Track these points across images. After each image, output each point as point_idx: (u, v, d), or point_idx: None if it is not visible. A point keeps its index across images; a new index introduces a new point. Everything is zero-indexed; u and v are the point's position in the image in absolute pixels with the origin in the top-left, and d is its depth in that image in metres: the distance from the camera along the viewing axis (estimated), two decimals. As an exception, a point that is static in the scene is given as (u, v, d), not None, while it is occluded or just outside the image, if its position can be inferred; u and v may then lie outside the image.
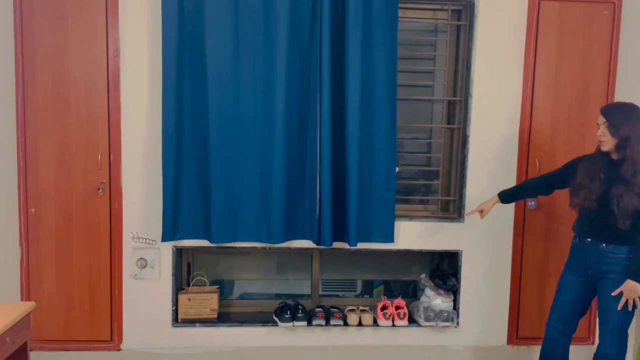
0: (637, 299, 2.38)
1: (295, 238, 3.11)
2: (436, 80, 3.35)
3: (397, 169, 3.07)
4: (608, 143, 2.39)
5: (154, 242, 3.08)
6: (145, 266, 3.09)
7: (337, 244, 3.08)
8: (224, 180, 2.97)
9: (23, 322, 1.82)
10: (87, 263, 3.05)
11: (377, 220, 3.09)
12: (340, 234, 3.06)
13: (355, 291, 3.85)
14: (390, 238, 3.11)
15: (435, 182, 3.32)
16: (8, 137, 2.89)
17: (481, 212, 2.87)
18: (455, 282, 3.22)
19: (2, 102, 2.82)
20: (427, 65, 3.37)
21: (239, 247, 3.11)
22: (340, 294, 3.80)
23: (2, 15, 2.81)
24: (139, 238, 3.07)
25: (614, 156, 2.42)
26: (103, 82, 2.97)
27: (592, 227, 2.50)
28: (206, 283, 3.30)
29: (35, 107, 2.96)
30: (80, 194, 3.01)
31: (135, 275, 3.09)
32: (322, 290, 3.67)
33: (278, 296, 3.59)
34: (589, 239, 2.51)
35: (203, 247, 3.14)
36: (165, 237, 2.99)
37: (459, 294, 3.24)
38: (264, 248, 3.13)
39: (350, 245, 3.03)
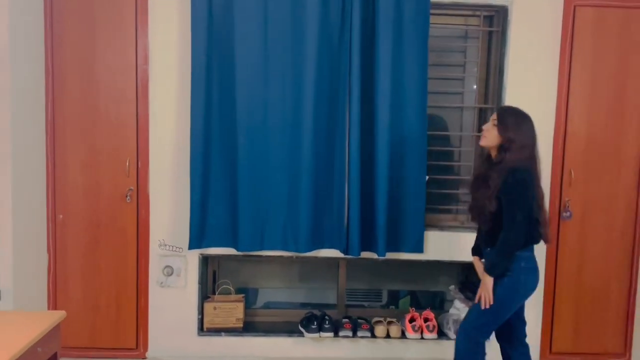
0: (487, 296, 2.31)
1: (322, 247, 3.06)
2: (466, 88, 3.28)
3: (426, 177, 3.00)
4: (490, 139, 2.35)
5: (181, 250, 3.05)
6: (171, 274, 3.07)
7: (364, 254, 3.02)
8: (251, 188, 2.93)
9: (54, 332, 1.80)
10: (114, 270, 3.04)
11: (406, 230, 3.03)
12: (368, 243, 3.00)
13: (381, 301, 3.79)
14: (419, 248, 3.04)
15: (466, 191, 3.24)
16: (37, 143, 2.89)
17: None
18: (487, 295, 3.13)
19: (32, 109, 2.83)
20: (456, 71, 3.31)
21: (265, 256, 3.07)
22: (366, 304, 3.74)
23: (33, 23, 2.82)
24: (165, 245, 3.05)
25: (493, 155, 2.37)
26: (132, 88, 2.97)
27: (486, 237, 2.43)
28: (232, 291, 3.26)
29: (64, 114, 2.96)
30: (108, 200, 3.01)
31: (162, 282, 3.06)
32: (347, 300, 3.61)
33: (303, 305, 3.54)
34: (488, 248, 2.44)
35: (229, 255, 3.10)
36: (192, 245, 2.96)
37: (490, 306, 3.14)
38: (290, 257, 3.08)
39: (378, 256, 2.97)
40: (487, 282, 2.34)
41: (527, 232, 2.31)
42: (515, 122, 2.32)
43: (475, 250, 2.61)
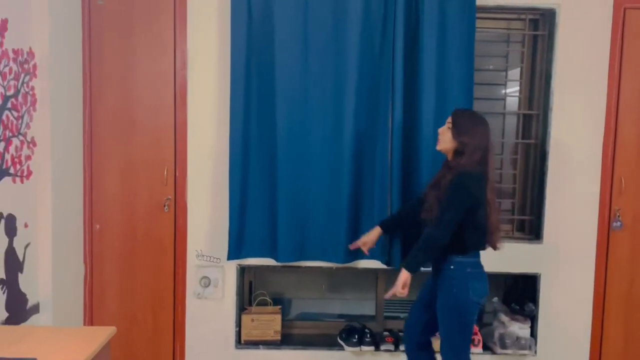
0: (396, 289, 2.28)
1: (362, 258, 2.97)
2: (508, 93, 3.18)
3: (472, 186, 2.90)
4: (444, 143, 2.34)
5: (218, 260, 2.99)
6: (208, 285, 3.00)
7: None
8: (291, 197, 2.86)
9: (105, 349, 1.74)
10: (151, 281, 2.99)
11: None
12: (407, 254, 2.89)
13: (418, 313, 3.68)
14: (464, 259, 2.93)
15: (511, 200, 3.14)
16: (75, 152, 2.85)
17: (364, 244, 2.68)
18: (534, 308, 3.02)
19: (70, 118, 2.79)
20: (497, 76, 3.21)
21: (303, 266, 2.99)
22: (402, 315, 3.64)
23: (70, 30, 2.78)
24: (203, 256, 2.99)
25: (451, 162, 2.34)
26: (170, 96, 2.92)
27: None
28: (269, 303, 3.18)
29: (102, 122, 2.92)
30: (145, 210, 2.96)
31: (199, 294, 3.00)
32: (384, 312, 3.52)
33: (341, 317, 3.45)
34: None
35: (266, 266, 3.03)
36: (231, 256, 2.89)
37: (537, 320, 3.04)
38: (330, 267, 3.00)
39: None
40: (401, 276, 2.29)
41: (472, 238, 2.30)
42: (469, 125, 2.29)
43: (385, 225, 2.65)
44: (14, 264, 2.35)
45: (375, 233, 2.68)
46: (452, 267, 2.32)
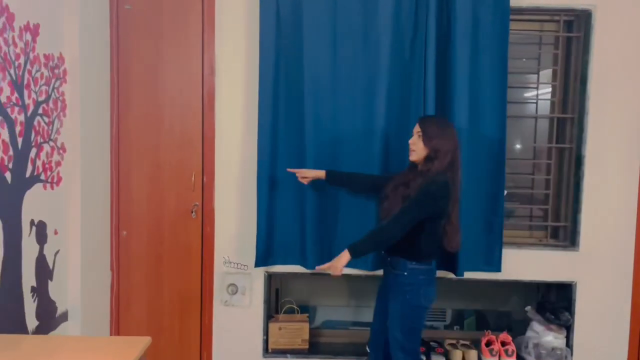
0: (331, 265, 2.28)
1: (392, 265, 2.91)
2: (540, 96, 3.11)
3: (505, 192, 2.83)
4: (418, 153, 2.33)
5: (246, 267, 2.94)
6: (235, 292, 2.96)
7: (439, 273, 2.85)
8: (320, 203, 2.81)
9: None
10: (178, 288, 2.95)
11: (482, 247, 2.86)
12: (443, 261, 2.84)
13: (445, 321, 3.60)
14: (497, 267, 2.87)
15: (544, 206, 3.07)
16: (102, 157, 2.83)
17: (303, 174, 2.68)
18: (569, 317, 2.94)
19: (99, 122, 2.77)
20: (528, 79, 3.14)
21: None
22: (429, 323, 3.57)
23: (99, 35, 2.77)
24: (230, 263, 2.95)
25: (421, 167, 2.35)
26: (198, 101, 2.89)
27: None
28: (296, 310, 3.13)
29: (129, 127, 2.90)
30: (172, 216, 2.92)
31: (226, 301, 2.96)
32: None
33: (368, 325, 3.37)
34: (383, 252, 2.44)
35: (294, 273, 2.98)
36: (259, 263, 2.85)
37: (573, 330, 2.95)
38: (359, 275, 2.94)
39: (456, 275, 2.80)
40: (342, 256, 2.26)
41: (428, 246, 2.31)
42: (438, 130, 2.31)
43: (331, 173, 2.63)
44: (45, 271, 2.33)
45: (319, 173, 2.66)
46: (405, 273, 2.33)
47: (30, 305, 2.21)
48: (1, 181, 1.99)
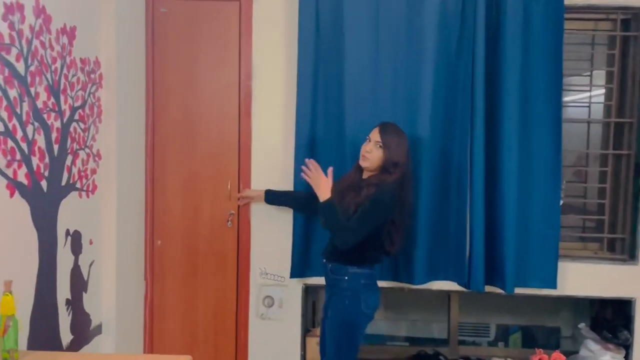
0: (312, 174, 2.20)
1: (436, 279, 2.76)
2: (593, 99, 2.93)
3: (560, 202, 2.66)
4: (373, 162, 2.24)
5: (283, 279, 2.83)
6: (272, 305, 2.84)
7: (488, 288, 2.69)
8: (360, 213, 2.68)
9: (182, 381, 1.59)
10: (213, 300, 2.85)
11: (535, 261, 2.69)
12: (491, 276, 2.67)
13: (488, 337, 3.44)
14: (551, 283, 2.69)
15: (599, 216, 2.88)
16: (137, 164, 2.75)
17: (246, 197, 2.72)
18: (629, 336, 2.74)
19: (134, 128, 2.70)
20: (579, 82, 2.96)
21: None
22: (471, 339, 3.40)
23: (134, 39, 2.70)
24: (267, 274, 2.84)
25: (368, 174, 2.28)
26: (234, 107, 2.80)
27: (328, 247, 2.32)
28: (334, 325, 2.99)
29: (164, 134, 2.83)
30: (208, 225, 2.83)
31: (262, 314, 2.84)
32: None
33: (408, 340, 3.24)
34: (325, 260, 2.33)
35: (332, 286, 2.84)
36: (294, 274, 2.73)
37: (632, 349, 2.75)
38: (402, 288, 2.79)
39: (506, 292, 2.63)
40: (324, 185, 2.19)
41: (372, 251, 2.26)
42: (399, 142, 2.25)
43: (270, 193, 2.64)
44: (79, 282, 2.25)
45: (259, 193, 2.68)
46: (346, 277, 2.24)
47: (64, 319, 2.13)
48: (37, 190, 1.92)
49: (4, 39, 1.73)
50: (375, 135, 2.26)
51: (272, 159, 2.80)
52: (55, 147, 2.04)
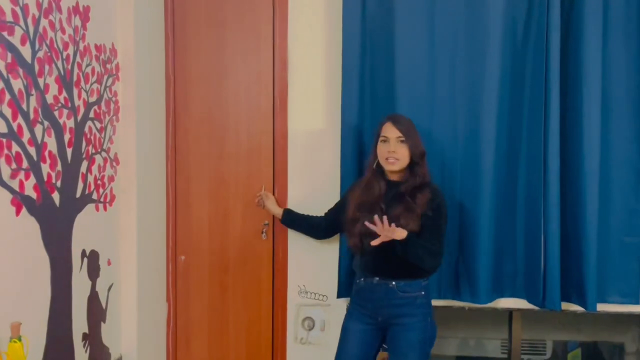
0: (386, 230, 1.87)
1: (502, 296, 2.43)
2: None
3: (645, 207, 2.33)
4: (403, 161, 2.03)
5: (325, 298, 2.49)
6: (312, 327, 2.51)
7: (564, 305, 2.37)
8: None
9: None
10: (245, 323, 2.53)
11: (615, 273, 2.36)
12: (567, 291, 2.35)
13: (545, 354, 3.12)
14: (633, 298, 2.36)
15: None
16: (156, 169, 2.39)
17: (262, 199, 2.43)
18: None
19: (154, 128, 2.34)
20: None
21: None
22: (526, 357, 3.08)
23: (154, 24, 2.33)
24: (306, 292, 2.50)
25: (395, 177, 2.07)
26: (268, 101, 2.47)
27: (376, 263, 2.05)
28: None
29: (188, 133, 2.49)
30: (239, 237, 2.50)
31: (302, 339, 2.51)
32: (502, 352, 2.98)
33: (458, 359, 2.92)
34: (377, 278, 2.05)
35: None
36: (342, 293, 2.40)
37: None
38: (461, 307, 2.46)
39: (587, 310, 2.30)
40: (398, 230, 1.89)
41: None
42: (414, 130, 2.07)
43: (288, 213, 2.37)
44: (97, 312, 1.90)
45: (277, 208, 2.40)
46: (423, 292, 2.06)
47: (81, 355, 1.79)
48: (48, 204, 1.57)
49: (5, 16, 1.37)
50: (392, 131, 2.04)
51: (313, 161, 2.46)
52: (69, 151, 1.69)
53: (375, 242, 1.90)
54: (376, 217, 1.89)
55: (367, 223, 1.90)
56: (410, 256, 1.95)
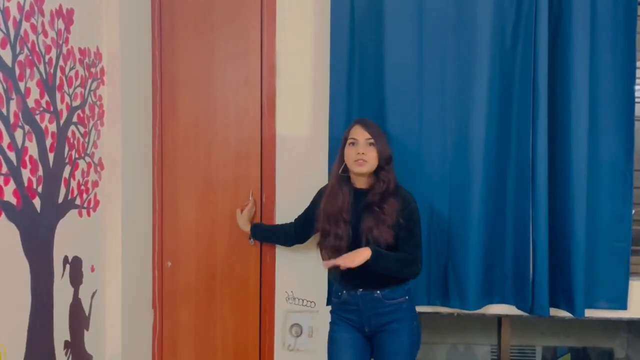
0: (349, 259, 1.89)
1: (492, 302, 2.42)
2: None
3: (632, 211, 2.33)
4: (372, 163, 2.00)
5: (313, 305, 2.47)
6: (300, 334, 2.48)
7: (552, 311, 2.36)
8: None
9: None
10: (233, 329, 2.49)
11: (603, 279, 2.36)
12: (555, 297, 2.34)
13: (534, 360, 3.12)
14: (621, 304, 2.36)
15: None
16: (144, 174, 2.36)
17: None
18: None
19: (140, 132, 2.31)
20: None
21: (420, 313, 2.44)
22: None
23: (139, 27, 2.31)
24: (294, 299, 2.48)
25: (362, 184, 2.03)
26: (256, 107, 2.44)
27: (359, 275, 1.96)
28: (370, 355, 2.63)
29: (174, 138, 2.46)
30: (226, 243, 2.47)
31: (289, 345, 2.48)
32: (491, 358, 2.99)
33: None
34: (361, 289, 2.03)
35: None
36: (331, 300, 2.36)
37: None
38: (450, 314, 2.44)
39: (575, 315, 2.30)
40: (362, 252, 1.90)
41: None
42: (381, 134, 2.05)
43: (257, 227, 2.37)
44: (80, 320, 1.87)
45: (247, 228, 2.38)
46: (407, 297, 2.05)
47: (63, 364, 1.75)
48: (28, 210, 1.54)
49: (-15, 19, 1.35)
50: (361, 133, 2.01)
51: (301, 166, 2.44)
52: (51, 156, 1.66)
53: (342, 266, 1.89)
54: (326, 263, 1.94)
55: (324, 265, 1.96)
56: (384, 271, 1.94)
